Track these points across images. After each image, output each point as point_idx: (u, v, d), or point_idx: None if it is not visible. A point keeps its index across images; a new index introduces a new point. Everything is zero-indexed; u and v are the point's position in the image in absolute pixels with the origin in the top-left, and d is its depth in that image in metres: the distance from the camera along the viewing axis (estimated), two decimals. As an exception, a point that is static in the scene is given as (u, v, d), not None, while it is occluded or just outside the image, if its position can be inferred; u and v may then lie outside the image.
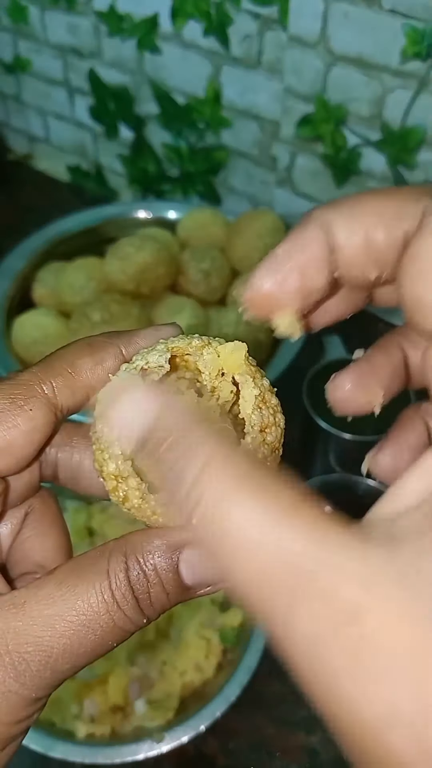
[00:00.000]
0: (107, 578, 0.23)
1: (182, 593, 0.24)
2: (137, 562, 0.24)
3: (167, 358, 0.26)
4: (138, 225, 0.91)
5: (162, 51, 0.91)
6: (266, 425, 0.25)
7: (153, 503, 0.24)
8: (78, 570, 0.24)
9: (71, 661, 0.23)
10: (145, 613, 0.24)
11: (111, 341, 0.27)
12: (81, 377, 0.26)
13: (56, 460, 0.29)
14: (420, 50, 0.71)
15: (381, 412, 0.78)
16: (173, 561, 0.24)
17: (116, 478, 0.25)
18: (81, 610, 0.23)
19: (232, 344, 0.26)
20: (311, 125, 0.84)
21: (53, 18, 0.98)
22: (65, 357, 0.27)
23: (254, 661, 0.58)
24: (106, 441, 0.25)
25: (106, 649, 0.24)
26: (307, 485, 0.64)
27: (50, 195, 1.15)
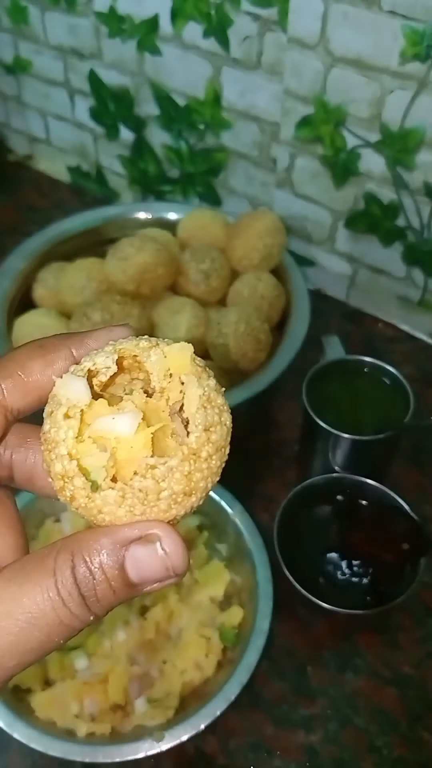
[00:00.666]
0: (53, 576, 0.24)
1: (129, 590, 0.25)
2: (83, 560, 0.24)
3: (114, 359, 0.26)
4: (138, 225, 0.91)
5: (162, 52, 0.91)
6: (211, 424, 0.26)
7: (99, 502, 0.25)
8: (26, 568, 0.24)
9: (17, 658, 0.24)
10: (92, 610, 0.24)
11: (62, 343, 0.27)
12: (31, 379, 0.27)
13: (11, 462, 0.29)
14: (419, 51, 0.71)
15: (381, 414, 0.78)
16: (119, 558, 0.24)
17: (63, 478, 0.25)
18: (27, 608, 0.23)
19: (179, 345, 0.27)
20: (311, 126, 0.84)
21: (53, 19, 0.99)
22: (16, 359, 0.27)
23: (254, 660, 0.58)
24: (53, 441, 0.25)
25: (53, 646, 0.24)
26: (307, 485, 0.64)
27: (51, 196, 1.15)
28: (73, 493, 0.25)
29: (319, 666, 0.64)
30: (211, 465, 0.26)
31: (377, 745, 0.60)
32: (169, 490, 0.25)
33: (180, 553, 0.25)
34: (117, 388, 0.28)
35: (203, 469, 0.25)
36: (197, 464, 0.25)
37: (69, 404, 0.25)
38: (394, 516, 0.64)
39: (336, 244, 0.93)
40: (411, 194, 0.82)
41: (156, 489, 0.25)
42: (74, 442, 0.25)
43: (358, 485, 0.68)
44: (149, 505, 0.25)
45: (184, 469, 0.25)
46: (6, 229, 1.07)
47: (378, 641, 0.66)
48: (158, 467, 0.25)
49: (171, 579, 0.25)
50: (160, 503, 0.25)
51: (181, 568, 0.25)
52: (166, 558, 0.24)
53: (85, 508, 0.25)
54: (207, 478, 0.26)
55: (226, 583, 0.65)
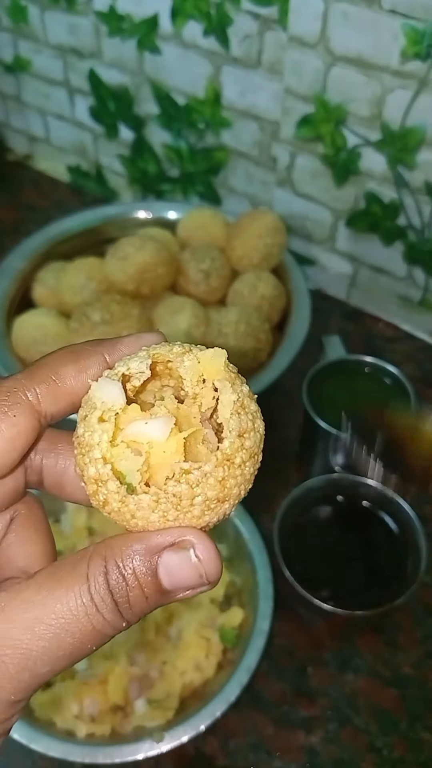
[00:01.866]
0: (86, 582, 0.23)
1: (161, 597, 0.24)
2: (116, 566, 0.24)
3: (148, 364, 0.26)
4: (138, 225, 0.91)
5: (162, 51, 0.91)
6: (245, 430, 0.26)
7: (132, 506, 0.25)
8: (58, 574, 0.24)
9: (50, 664, 0.23)
10: (125, 617, 0.24)
11: (95, 349, 0.28)
12: (65, 384, 0.27)
13: (41, 467, 0.29)
14: (420, 50, 0.71)
15: (381, 413, 0.78)
16: (152, 565, 0.24)
17: (96, 482, 0.25)
18: (60, 614, 0.23)
19: (212, 351, 0.27)
20: (311, 125, 0.84)
21: (53, 18, 0.98)
22: (49, 364, 0.27)
23: (254, 661, 0.58)
24: (87, 445, 0.25)
25: (85, 653, 0.24)
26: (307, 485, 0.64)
27: (50, 195, 1.15)
28: (107, 497, 0.25)
29: (319, 666, 0.64)
30: (244, 472, 0.26)
31: (377, 745, 0.60)
32: (202, 495, 0.25)
33: (214, 560, 0.24)
34: (147, 395, 0.28)
35: (237, 476, 0.25)
36: (231, 470, 0.25)
37: (104, 408, 0.25)
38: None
39: (336, 243, 0.93)
40: (412, 193, 0.81)
41: (190, 494, 0.24)
42: (108, 446, 0.25)
43: (358, 485, 0.68)
44: (182, 511, 0.24)
45: (218, 475, 0.25)
46: (6, 229, 1.07)
47: (378, 641, 0.66)
48: (192, 472, 0.25)
49: (204, 587, 0.25)
50: (194, 509, 0.25)
51: (214, 576, 0.24)
52: (199, 565, 0.24)
53: (118, 512, 0.25)
54: (240, 485, 0.26)
55: (226, 583, 0.65)
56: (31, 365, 0.27)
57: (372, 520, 0.68)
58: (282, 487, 0.75)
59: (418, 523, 0.64)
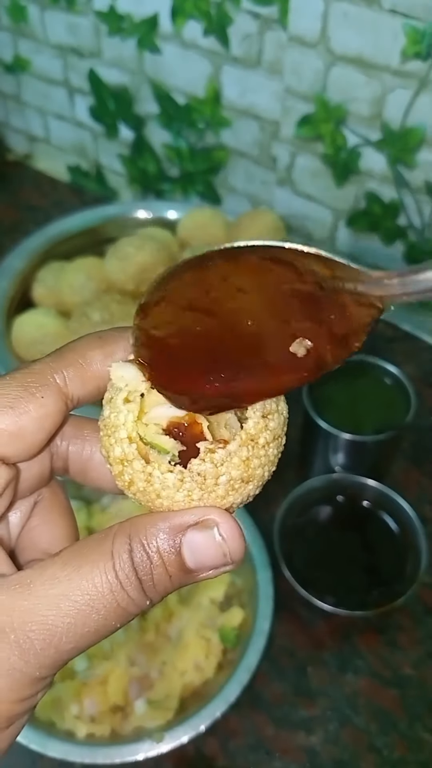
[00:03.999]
0: (111, 559, 0.24)
1: (185, 576, 0.25)
2: (141, 544, 0.24)
3: None
4: (138, 225, 0.91)
5: (162, 51, 0.91)
6: (269, 411, 0.26)
7: (158, 485, 0.25)
8: (83, 552, 0.24)
9: (75, 640, 0.24)
10: (148, 595, 0.24)
11: (120, 335, 0.28)
12: (92, 369, 0.27)
13: (67, 453, 0.29)
14: (420, 50, 0.71)
15: (381, 414, 0.79)
16: (176, 543, 0.24)
17: (122, 462, 0.25)
18: (85, 590, 0.23)
19: None
20: (311, 125, 0.84)
21: (53, 18, 0.98)
22: (77, 349, 0.27)
23: (254, 661, 0.58)
24: (113, 426, 0.26)
25: (110, 630, 0.24)
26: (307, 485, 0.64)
27: (50, 195, 1.15)
28: (132, 476, 0.25)
29: (319, 666, 0.64)
30: (268, 453, 0.26)
31: (377, 746, 0.60)
32: (227, 475, 0.25)
33: (237, 539, 0.24)
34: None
35: (261, 456, 0.25)
36: (255, 450, 0.25)
37: (129, 389, 0.26)
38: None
39: (337, 243, 0.93)
40: (412, 193, 0.81)
41: (214, 473, 0.25)
42: (134, 425, 0.25)
43: (358, 485, 0.68)
44: (207, 490, 0.25)
45: (243, 455, 0.25)
46: (6, 229, 1.07)
47: (378, 641, 0.66)
48: (217, 451, 0.25)
49: (228, 566, 0.25)
50: (218, 489, 0.25)
51: (238, 555, 0.25)
52: (223, 544, 0.24)
53: (143, 492, 0.25)
54: (264, 466, 0.26)
55: (227, 584, 0.65)
56: (59, 349, 0.28)
57: (372, 520, 0.68)
58: (282, 487, 0.75)
59: (418, 523, 0.64)
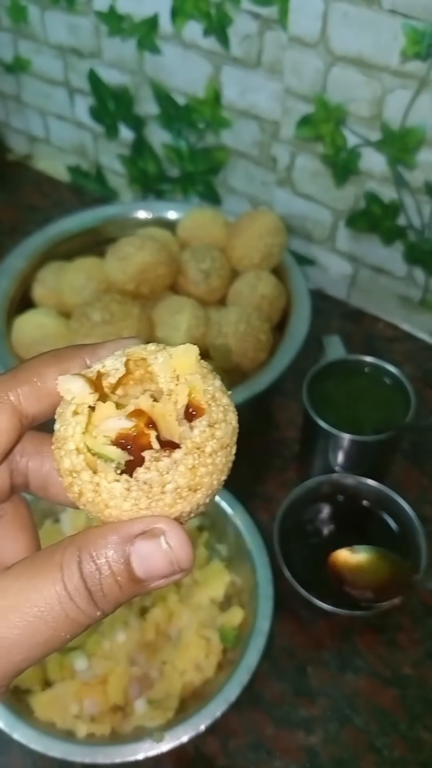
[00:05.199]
0: (60, 570, 0.24)
1: (135, 586, 0.25)
2: (90, 555, 0.24)
3: (123, 362, 0.27)
4: (138, 225, 0.91)
5: (162, 51, 0.91)
6: (215, 421, 0.26)
7: (105, 495, 0.25)
8: (34, 564, 0.25)
9: (25, 652, 0.24)
10: (99, 606, 0.24)
11: (76, 352, 0.28)
12: (46, 385, 0.27)
13: (27, 469, 0.30)
14: (420, 50, 0.71)
15: (381, 414, 0.79)
16: (125, 553, 0.24)
17: (71, 474, 0.26)
18: (34, 602, 0.24)
19: (184, 346, 0.27)
20: (311, 125, 0.84)
21: (53, 18, 0.98)
22: (32, 367, 0.28)
23: (254, 660, 0.58)
24: (62, 438, 0.26)
25: (61, 642, 0.24)
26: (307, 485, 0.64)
27: (50, 195, 1.15)
28: (81, 488, 0.25)
29: (319, 666, 0.64)
30: (216, 461, 0.26)
31: (377, 745, 0.60)
32: (173, 483, 0.25)
33: (184, 547, 0.25)
34: (129, 401, 0.28)
35: (208, 464, 0.26)
36: (202, 458, 0.25)
37: (77, 402, 0.26)
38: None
39: (336, 243, 0.93)
40: (412, 193, 0.81)
41: (160, 481, 0.25)
42: (82, 437, 0.26)
43: (358, 485, 0.68)
44: (154, 499, 0.25)
45: (188, 462, 0.25)
46: (6, 229, 1.07)
47: (378, 641, 0.66)
48: (162, 459, 0.25)
49: (177, 575, 0.25)
50: (165, 497, 0.25)
51: (185, 563, 0.25)
52: (170, 552, 0.25)
53: (93, 503, 0.25)
54: (212, 474, 0.26)
55: (226, 583, 0.65)
56: (14, 367, 0.28)
57: (372, 520, 0.68)
58: (282, 487, 0.75)
59: (418, 523, 0.64)
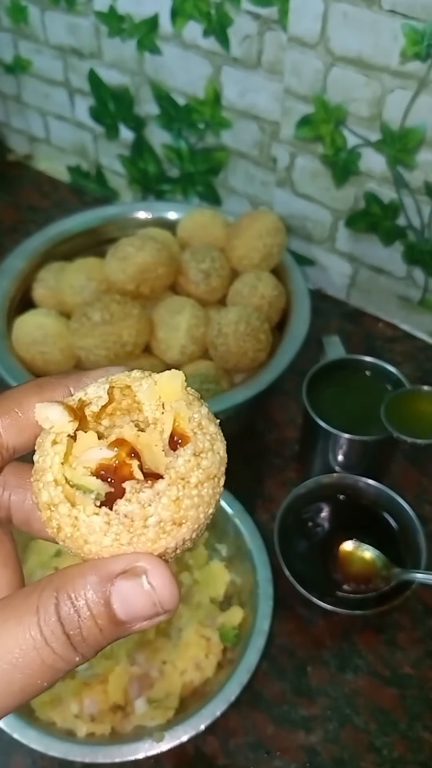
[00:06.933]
0: (36, 614, 0.22)
1: (116, 628, 0.23)
2: (68, 596, 0.23)
3: (106, 389, 0.26)
4: (138, 225, 0.91)
5: (162, 51, 0.91)
6: (201, 450, 0.24)
7: (84, 530, 0.23)
8: (11, 605, 0.23)
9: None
10: (78, 650, 0.23)
11: (59, 381, 0.27)
12: (28, 416, 0.26)
13: (9, 503, 0.29)
14: (420, 50, 0.71)
15: (380, 414, 0.78)
16: (105, 593, 0.23)
17: (49, 507, 0.24)
18: (8, 648, 0.22)
19: (170, 372, 0.26)
20: (311, 126, 0.84)
21: (53, 18, 0.99)
22: (13, 397, 0.27)
23: (254, 660, 0.58)
24: (41, 470, 0.25)
25: (37, 689, 0.23)
26: (307, 485, 0.64)
27: (50, 195, 1.15)
28: (60, 522, 0.24)
29: (319, 666, 0.64)
30: (202, 493, 0.24)
31: (377, 745, 0.60)
32: (156, 516, 0.23)
33: (168, 587, 0.23)
34: (112, 433, 0.27)
35: (193, 496, 0.24)
36: (186, 490, 0.24)
37: (56, 431, 0.25)
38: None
39: (336, 243, 0.93)
40: (411, 193, 0.82)
41: (142, 514, 0.23)
42: (60, 468, 0.24)
43: (358, 485, 0.68)
44: (135, 533, 0.23)
45: (172, 494, 0.23)
46: (6, 229, 1.07)
47: (378, 641, 0.66)
48: (144, 491, 0.23)
49: (160, 616, 0.23)
50: (148, 531, 0.23)
51: (169, 604, 0.23)
52: (153, 593, 0.23)
53: (71, 538, 0.24)
54: (198, 507, 0.24)
55: (226, 583, 0.65)
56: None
57: (372, 519, 0.68)
58: (282, 487, 0.76)
59: (418, 523, 0.64)
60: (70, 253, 0.87)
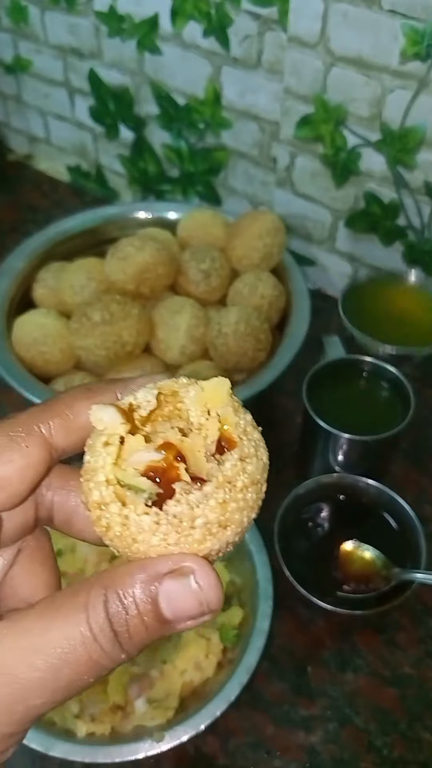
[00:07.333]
0: (85, 611, 0.23)
1: (162, 627, 0.24)
2: (116, 594, 0.23)
3: (155, 394, 0.27)
4: (138, 225, 0.91)
5: (162, 51, 0.91)
6: (246, 455, 0.26)
7: (134, 529, 0.24)
8: (57, 603, 0.23)
9: (45, 696, 0.23)
10: (124, 648, 0.23)
11: (107, 387, 0.28)
12: (77, 419, 0.27)
13: (52, 503, 0.29)
14: (419, 50, 0.71)
15: (380, 414, 0.79)
16: (152, 593, 0.23)
17: (99, 506, 0.25)
18: (57, 643, 0.23)
19: (216, 379, 0.27)
20: (311, 126, 0.84)
21: (53, 18, 0.99)
22: (64, 400, 0.28)
23: (254, 660, 0.58)
24: (92, 470, 0.25)
25: (83, 685, 0.23)
26: (307, 485, 0.64)
27: (50, 195, 1.15)
28: (109, 521, 0.25)
29: (319, 666, 0.64)
30: (247, 497, 0.25)
31: (377, 745, 0.60)
32: (203, 517, 0.24)
33: (214, 587, 0.24)
34: (158, 437, 0.28)
35: (239, 500, 0.25)
36: (232, 494, 0.25)
37: (108, 432, 0.26)
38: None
39: (336, 243, 0.93)
40: (411, 193, 0.82)
41: (190, 515, 0.24)
42: (112, 468, 0.25)
43: (357, 485, 0.68)
44: (183, 534, 0.24)
45: (219, 497, 0.24)
46: (6, 229, 1.07)
47: (378, 641, 0.66)
48: (193, 492, 0.24)
49: (205, 616, 0.24)
50: (195, 532, 0.24)
51: (215, 604, 0.24)
52: (200, 592, 0.24)
53: (120, 537, 0.24)
54: (243, 510, 0.25)
55: (226, 583, 0.65)
56: (46, 400, 0.28)
57: (372, 519, 0.68)
58: (282, 487, 0.75)
59: (418, 522, 0.64)
60: (70, 253, 0.87)
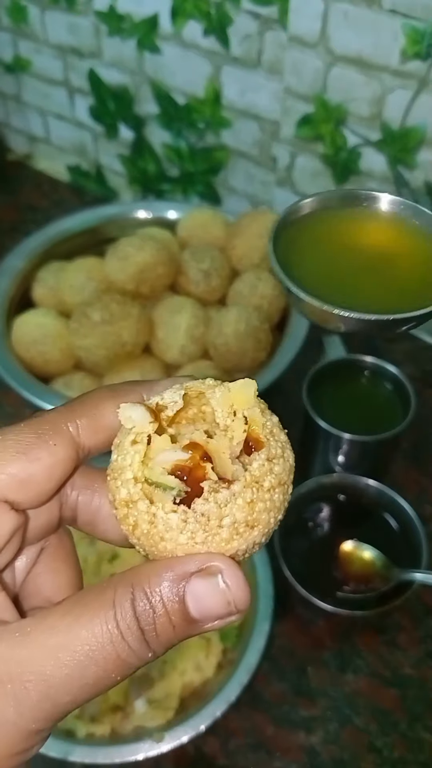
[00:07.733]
0: (112, 608, 0.23)
1: (188, 626, 0.24)
2: (144, 592, 0.23)
3: (181, 395, 0.27)
4: (138, 225, 0.91)
5: (162, 51, 0.91)
6: (273, 456, 0.26)
7: (161, 527, 0.24)
8: (83, 601, 0.24)
9: (72, 693, 0.23)
10: (151, 646, 0.23)
11: (133, 388, 0.28)
12: (104, 419, 0.27)
13: (77, 503, 0.29)
14: (420, 50, 0.71)
15: (381, 414, 0.78)
16: (180, 591, 0.23)
17: (127, 504, 0.25)
18: (84, 641, 0.23)
19: (242, 381, 0.27)
20: (311, 125, 0.84)
21: (53, 18, 0.98)
22: (90, 400, 0.28)
23: (254, 660, 0.58)
24: (120, 468, 0.25)
25: (110, 683, 0.23)
26: (307, 485, 0.64)
27: (50, 195, 1.15)
28: (137, 519, 0.25)
29: (319, 666, 0.64)
30: (273, 498, 0.25)
31: (377, 745, 0.60)
32: (231, 517, 0.24)
33: (242, 587, 0.24)
34: (182, 439, 0.28)
35: (266, 500, 0.25)
36: (260, 494, 0.25)
37: (136, 431, 0.26)
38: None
39: (336, 243, 0.93)
40: (412, 193, 0.81)
41: (218, 514, 0.24)
42: (140, 466, 0.25)
43: (358, 485, 0.68)
44: (211, 533, 0.24)
45: (247, 497, 0.24)
46: (6, 229, 1.07)
47: (378, 641, 0.66)
48: (221, 491, 0.24)
49: (233, 616, 0.24)
50: (222, 532, 0.24)
51: (243, 603, 0.24)
52: (227, 592, 0.23)
53: (147, 535, 0.24)
54: (270, 511, 0.25)
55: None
56: (73, 399, 0.28)
57: (372, 519, 0.68)
58: (282, 487, 0.75)
59: (418, 523, 0.64)
60: (70, 252, 0.87)
